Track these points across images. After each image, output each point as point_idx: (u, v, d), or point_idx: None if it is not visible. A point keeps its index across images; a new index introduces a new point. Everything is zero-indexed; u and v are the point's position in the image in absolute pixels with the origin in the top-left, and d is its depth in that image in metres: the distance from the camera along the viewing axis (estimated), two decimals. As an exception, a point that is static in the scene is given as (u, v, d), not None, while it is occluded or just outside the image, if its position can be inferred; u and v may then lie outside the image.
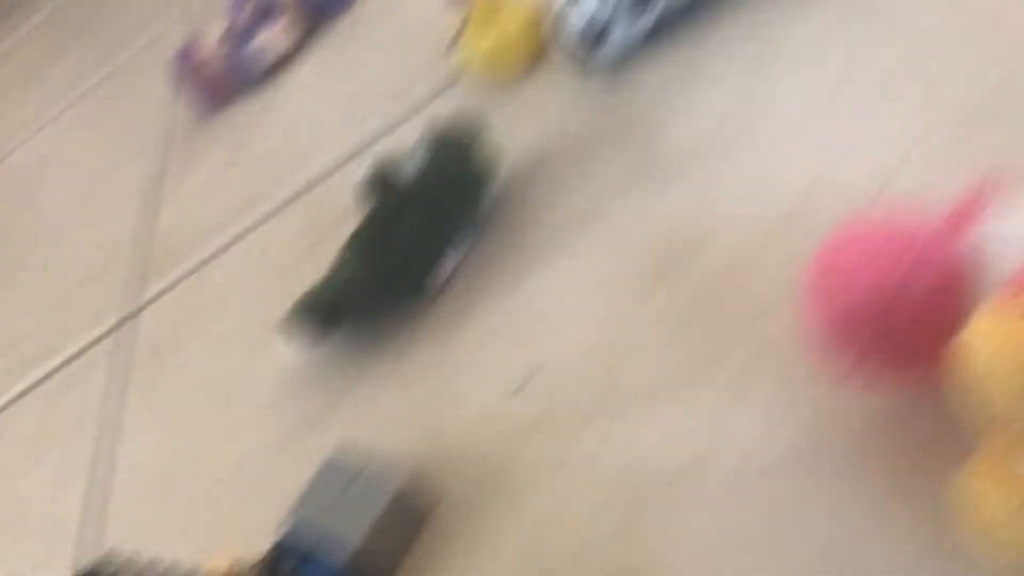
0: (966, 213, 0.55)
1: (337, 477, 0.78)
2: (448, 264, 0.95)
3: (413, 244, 0.93)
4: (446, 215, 0.94)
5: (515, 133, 1.04)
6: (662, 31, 1.00)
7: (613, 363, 0.77)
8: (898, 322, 0.51)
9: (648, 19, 0.99)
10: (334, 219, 1.09)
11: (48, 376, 1.31)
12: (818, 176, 0.78)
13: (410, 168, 0.95)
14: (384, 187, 0.93)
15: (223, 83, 1.60)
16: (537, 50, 1.12)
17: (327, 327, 0.94)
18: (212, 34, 1.62)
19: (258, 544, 0.75)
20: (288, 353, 1.01)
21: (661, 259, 0.82)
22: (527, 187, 0.99)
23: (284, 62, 1.58)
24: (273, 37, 1.58)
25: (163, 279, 1.35)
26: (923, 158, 0.74)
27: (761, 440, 0.64)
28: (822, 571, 0.55)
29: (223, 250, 1.31)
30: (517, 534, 0.71)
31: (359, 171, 0.93)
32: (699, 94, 0.94)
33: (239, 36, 1.60)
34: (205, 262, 1.32)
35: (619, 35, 0.99)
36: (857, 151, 0.78)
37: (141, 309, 1.32)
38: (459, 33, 1.17)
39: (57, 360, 1.32)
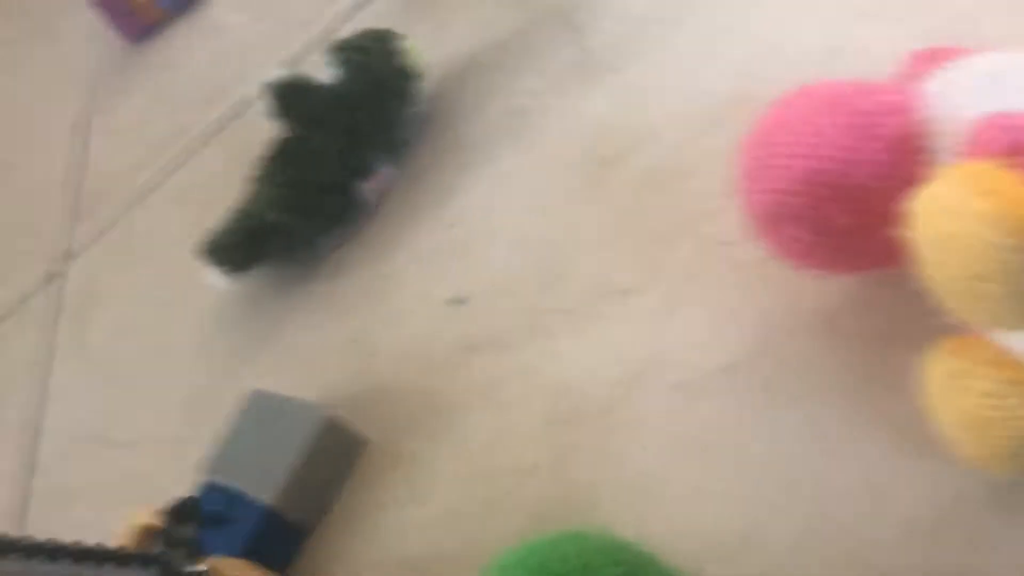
0: (915, 74, 0.49)
1: (262, 415, 0.73)
2: (375, 182, 0.88)
3: (330, 165, 0.86)
4: (367, 131, 0.87)
5: (440, 41, 0.96)
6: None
7: (550, 275, 0.72)
8: (846, 192, 0.45)
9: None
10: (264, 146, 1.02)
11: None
12: (761, 54, 0.72)
13: (324, 82, 0.87)
14: (295, 103, 0.86)
15: (148, 12, 1.52)
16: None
17: (242, 263, 0.87)
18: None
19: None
20: (215, 291, 0.95)
21: (597, 161, 0.76)
22: (456, 95, 0.92)
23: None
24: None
25: (92, 226, 1.28)
26: (873, 29, 0.67)
27: (705, 346, 0.59)
28: (772, 479, 0.51)
29: (152, 189, 1.24)
30: (456, 462, 0.66)
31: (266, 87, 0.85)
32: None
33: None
34: (133, 204, 1.25)
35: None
36: (803, 24, 0.72)
37: (69, 259, 1.25)
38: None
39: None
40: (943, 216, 0.36)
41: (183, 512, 0.60)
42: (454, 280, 0.78)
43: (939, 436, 0.46)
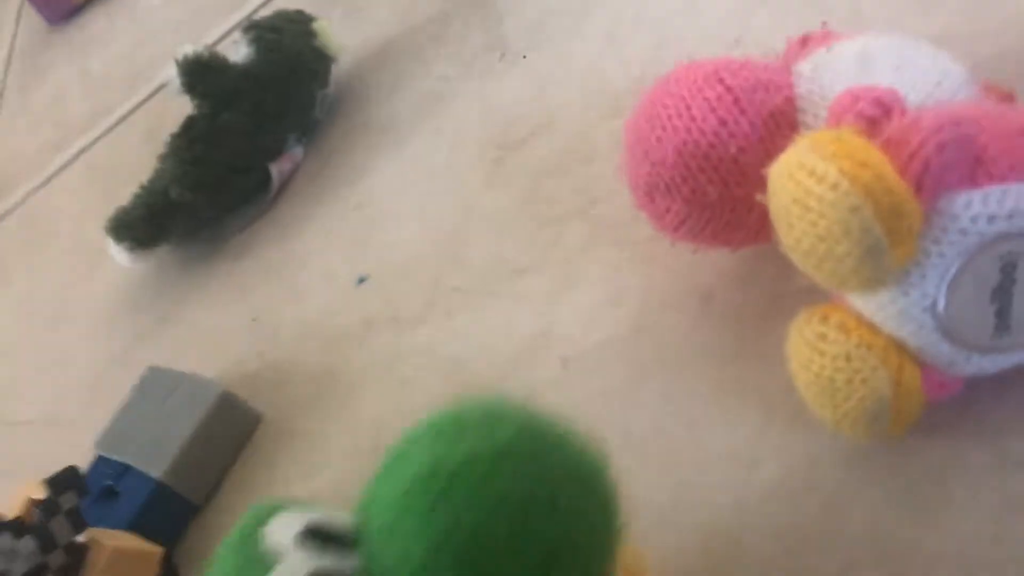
0: (791, 57, 0.51)
1: (155, 391, 0.72)
2: (284, 163, 0.88)
3: (238, 144, 0.85)
4: (278, 111, 0.87)
5: (356, 24, 0.97)
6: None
7: (450, 255, 0.72)
8: (717, 165, 0.46)
9: None
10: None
11: None
12: (665, 42, 0.73)
13: (236, 65, 0.87)
14: (204, 80, 0.85)
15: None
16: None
17: (145, 240, 0.86)
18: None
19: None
20: (120, 270, 0.94)
21: (500, 145, 0.77)
22: (369, 78, 0.92)
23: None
24: (114, -60, 1.46)
25: (-2, 206, 1.25)
26: (771, 18, 0.69)
27: (590, 323, 0.60)
28: (648, 449, 0.52)
29: (62, 169, 1.22)
30: (347, 438, 0.66)
31: (176, 63, 0.84)
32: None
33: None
34: (42, 183, 1.23)
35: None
36: (705, 14, 0.73)
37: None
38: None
39: None
40: (790, 180, 0.37)
41: (63, 482, 0.59)
42: (357, 260, 0.78)
43: (807, 407, 0.47)
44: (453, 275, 0.70)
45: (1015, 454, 0.43)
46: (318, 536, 0.34)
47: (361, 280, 0.76)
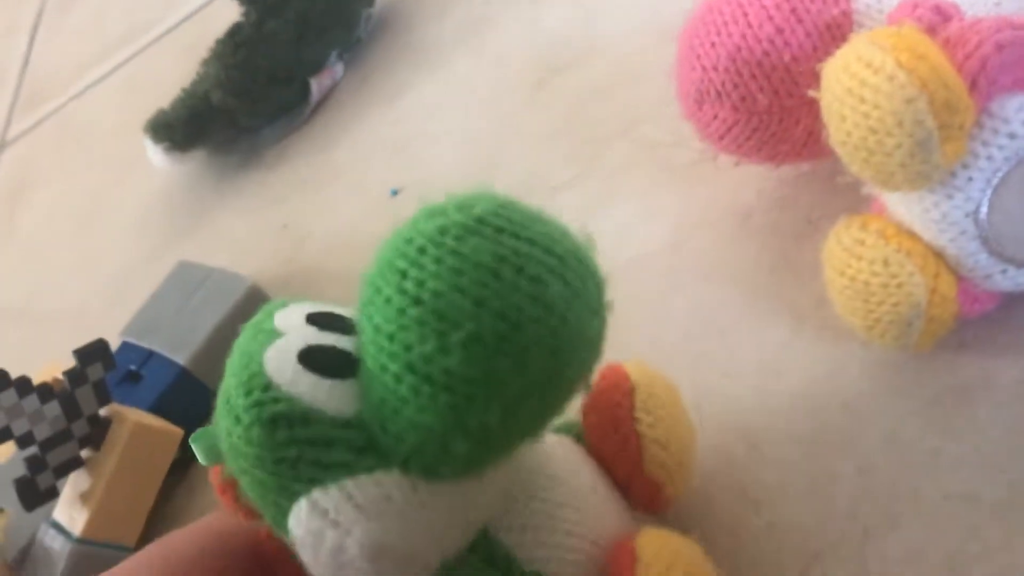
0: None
1: (185, 284, 0.73)
2: (325, 77, 0.88)
3: (282, 54, 0.85)
4: (323, 24, 0.87)
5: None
6: None
7: (485, 171, 0.72)
8: (769, 73, 0.46)
9: None
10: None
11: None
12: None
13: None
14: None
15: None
16: None
17: (182, 142, 0.86)
18: None
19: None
20: (154, 176, 0.95)
21: (545, 68, 0.77)
22: (415, 0, 0.92)
23: None
24: None
25: (31, 116, 1.26)
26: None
27: (622, 239, 0.60)
28: (676, 357, 0.52)
29: (98, 82, 1.23)
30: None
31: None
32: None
33: None
34: (77, 95, 1.23)
35: None
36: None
37: (2, 148, 1.23)
38: None
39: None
40: (844, 71, 0.37)
41: (92, 354, 0.60)
42: (392, 174, 0.78)
43: (837, 320, 0.48)
44: (488, 189, 0.71)
45: (1043, 373, 0.43)
46: (323, 321, 0.35)
47: (394, 193, 0.76)
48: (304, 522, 0.32)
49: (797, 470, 0.45)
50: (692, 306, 0.54)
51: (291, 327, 0.35)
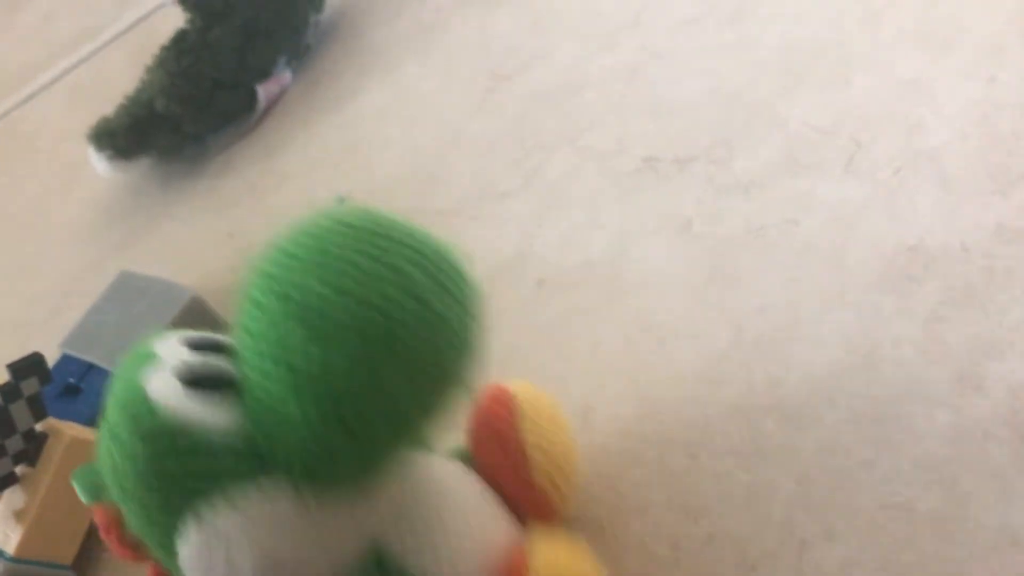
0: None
1: (126, 294, 0.72)
2: (272, 84, 0.87)
3: (227, 61, 0.84)
4: (271, 31, 0.86)
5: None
6: None
7: (434, 178, 0.72)
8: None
9: None
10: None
11: None
12: (643, 7, 0.73)
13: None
14: (198, 2, 0.84)
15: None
16: None
17: (126, 149, 0.85)
18: None
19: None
20: (99, 183, 0.93)
21: (493, 75, 0.76)
22: (364, 6, 0.92)
23: None
24: None
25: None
26: None
27: (566, 246, 0.60)
28: (625, 364, 0.52)
29: (46, 87, 1.21)
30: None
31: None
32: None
33: None
34: (25, 100, 1.21)
35: None
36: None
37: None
38: None
39: None
40: None
41: (26, 368, 0.59)
42: (338, 181, 0.77)
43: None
44: (436, 197, 0.70)
45: (975, 379, 0.43)
46: (199, 344, 0.36)
47: (341, 200, 0.75)
48: (192, 539, 0.32)
49: (735, 480, 0.45)
50: (633, 314, 0.53)
51: (168, 351, 0.35)
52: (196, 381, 0.33)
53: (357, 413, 0.30)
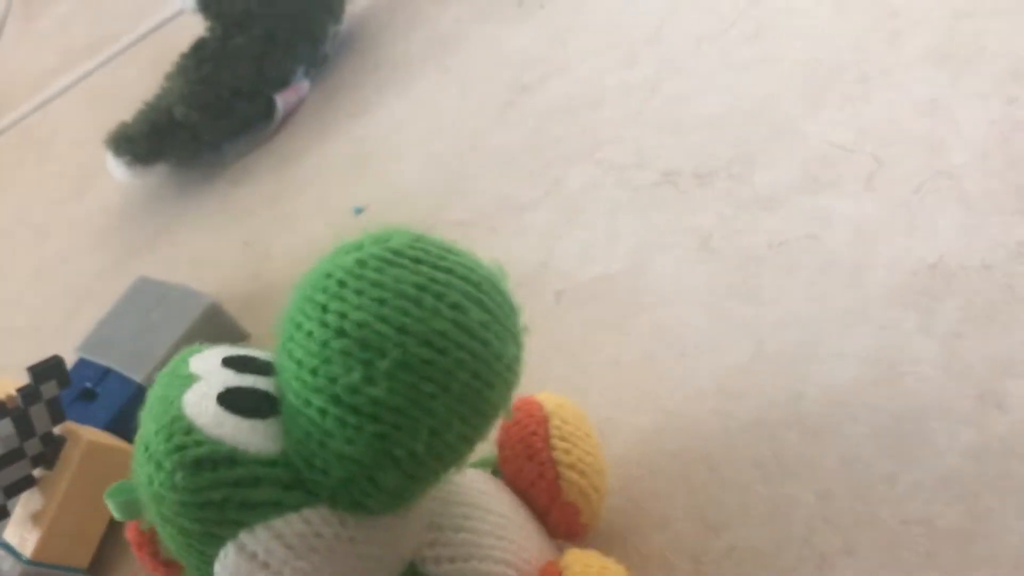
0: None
1: (144, 300, 0.72)
2: (290, 94, 0.88)
3: (246, 70, 0.85)
4: (290, 41, 0.87)
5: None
6: None
7: (451, 189, 0.72)
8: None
9: None
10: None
11: None
12: (670, 13, 0.74)
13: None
14: (218, 10, 0.84)
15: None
16: None
17: (144, 155, 0.86)
18: None
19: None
20: (117, 189, 0.94)
21: (511, 88, 0.77)
22: (383, 17, 0.92)
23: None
24: None
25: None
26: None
27: (586, 259, 0.60)
28: (644, 377, 0.52)
29: (63, 92, 1.22)
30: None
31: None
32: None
33: None
34: (41, 106, 1.22)
35: None
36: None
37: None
38: None
39: None
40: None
41: (46, 370, 0.59)
42: (356, 191, 0.78)
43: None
44: (455, 209, 0.70)
45: (996, 396, 0.43)
46: (239, 364, 0.35)
47: (358, 211, 0.76)
48: (231, 567, 0.31)
49: (756, 494, 0.45)
50: (653, 328, 0.54)
51: (207, 371, 0.35)
52: (239, 406, 0.33)
53: (409, 452, 0.30)
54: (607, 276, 0.58)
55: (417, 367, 0.30)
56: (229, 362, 0.36)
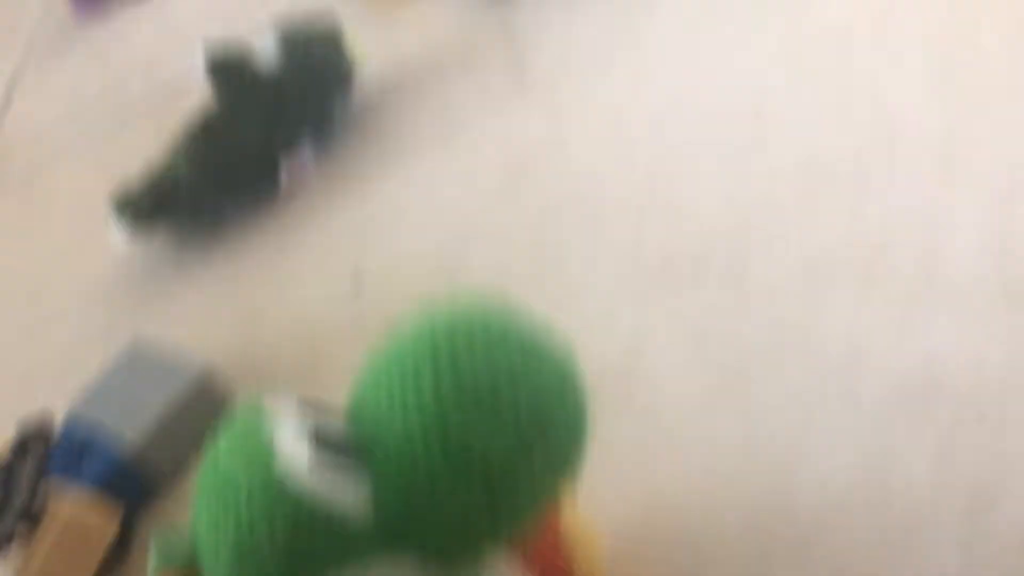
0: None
1: (137, 361, 0.72)
2: (296, 165, 0.89)
3: (251, 140, 0.86)
4: (296, 113, 0.88)
5: (386, 40, 0.99)
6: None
7: (447, 264, 0.73)
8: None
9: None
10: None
11: None
12: (672, 104, 0.75)
13: (261, 61, 0.88)
14: (227, 73, 0.86)
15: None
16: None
17: (146, 219, 0.86)
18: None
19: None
20: (118, 250, 0.94)
21: (512, 170, 0.78)
22: (391, 95, 0.94)
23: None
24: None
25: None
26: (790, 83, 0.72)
27: (584, 346, 0.60)
28: (634, 460, 0.52)
29: (68, 150, 1.23)
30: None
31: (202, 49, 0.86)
32: (572, 22, 0.90)
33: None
34: (46, 162, 1.23)
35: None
36: (722, 72, 0.76)
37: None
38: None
39: None
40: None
41: (35, 427, 0.59)
42: (354, 260, 0.78)
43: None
44: (446, 282, 0.71)
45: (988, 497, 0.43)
46: (321, 440, 0.35)
47: (355, 279, 0.76)
48: None
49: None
50: (646, 412, 0.54)
51: (290, 441, 0.35)
52: (333, 448, 0.34)
53: (511, 508, 0.33)
54: (601, 359, 0.58)
55: (526, 448, 0.33)
56: (303, 410, 0.36)
